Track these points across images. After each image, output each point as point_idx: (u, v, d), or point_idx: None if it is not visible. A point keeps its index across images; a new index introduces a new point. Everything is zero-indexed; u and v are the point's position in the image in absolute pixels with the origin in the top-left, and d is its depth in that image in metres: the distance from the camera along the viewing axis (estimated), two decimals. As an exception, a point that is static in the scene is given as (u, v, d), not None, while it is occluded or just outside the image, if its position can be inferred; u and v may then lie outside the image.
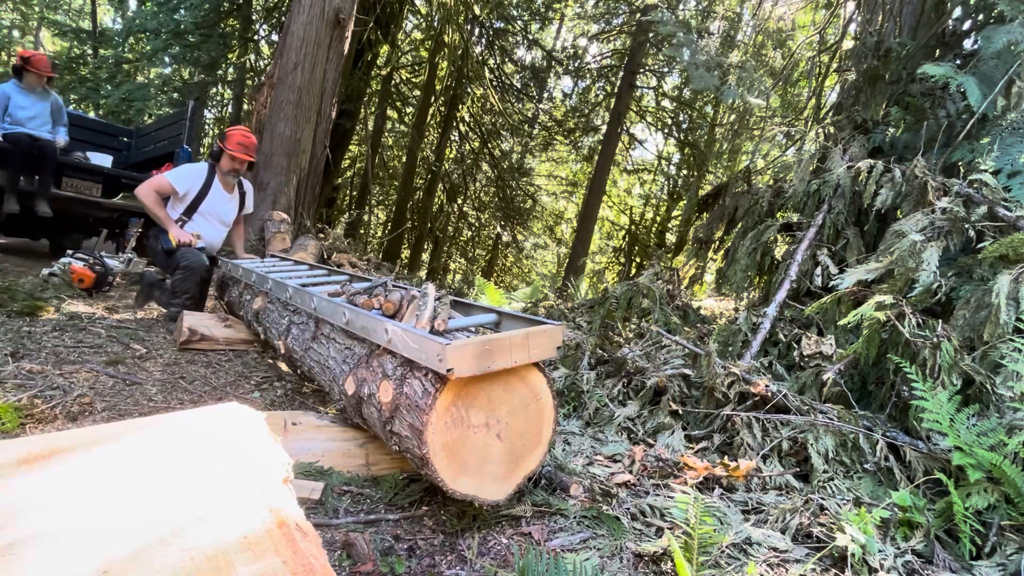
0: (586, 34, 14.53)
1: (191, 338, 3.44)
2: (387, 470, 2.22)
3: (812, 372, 3.03)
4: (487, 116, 14.50)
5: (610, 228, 18.66)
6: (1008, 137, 3.38)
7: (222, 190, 4.13)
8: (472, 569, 1.70)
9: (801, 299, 3.76)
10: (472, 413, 1.78)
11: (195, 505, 0.84)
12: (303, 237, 6.40)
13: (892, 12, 4.85)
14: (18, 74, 5.21)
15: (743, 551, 1.85)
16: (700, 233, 4.92)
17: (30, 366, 2.67)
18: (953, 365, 2.49)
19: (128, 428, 1.07)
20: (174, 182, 3.90)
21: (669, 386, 3.15)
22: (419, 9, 13.01)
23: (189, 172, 4.01)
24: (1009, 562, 1.79)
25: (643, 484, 2.36)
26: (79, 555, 0.72)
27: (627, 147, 16.04)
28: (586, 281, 12.97)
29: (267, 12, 11.60)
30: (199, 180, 4.00)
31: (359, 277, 3.21)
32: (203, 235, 4.03)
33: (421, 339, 1.74)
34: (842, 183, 3.86)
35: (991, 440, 2.05)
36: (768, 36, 8.77)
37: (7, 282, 3.97)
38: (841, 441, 2.50)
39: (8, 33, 17.30)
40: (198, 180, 4.00)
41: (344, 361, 2.25)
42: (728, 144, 12.82)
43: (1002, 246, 2.76)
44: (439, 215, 16.40)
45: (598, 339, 4.12)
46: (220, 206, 4.15)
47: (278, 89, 7.18)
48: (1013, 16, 3.37)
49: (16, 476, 0.88)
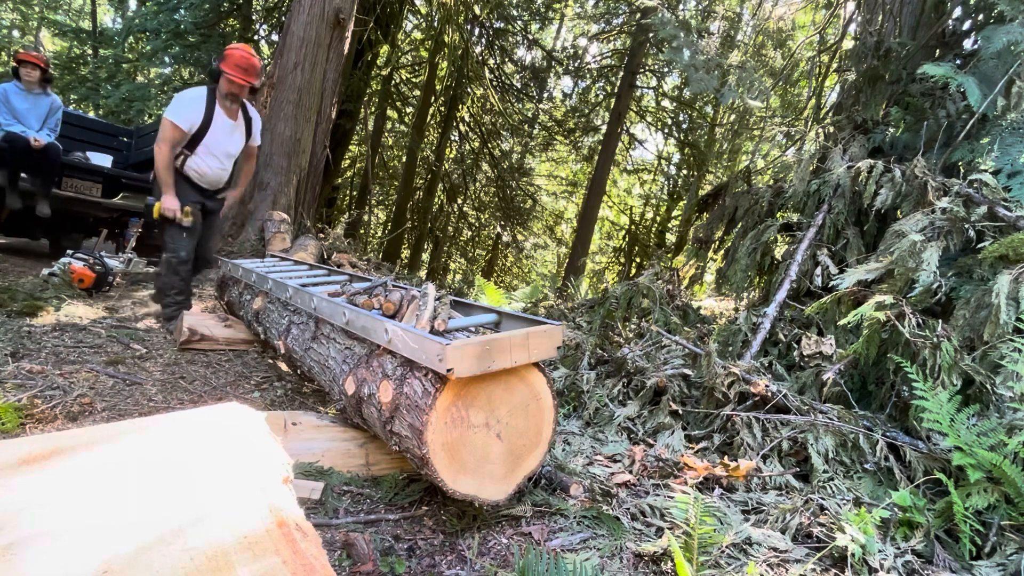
0: (586, 34, 14.53)
1: (191, 338, 3.45)
2: (387, 470, 2.22)
3: (812, 372, 3.03)
4: (487, 116, 14.50)
5: (610, 228, 18.66)
6: (1008, 137, 3.38)
7: (225, 118, 3.76)
8: (472, 569, 1.70)
9: (801, 299, 3.76)
10: (472, 413, 1.78)
11: (195, 505, 0.84)
12: (303, 237, 6.40)
13: (892, 12, 4.85)
14: (16, 75, 5.23)
15: (743, 551, 1.85)
16: (700, 233, 4.92)
17: (30, 366, 2.67)
18: (953, 365, 2.48)
19: (128, 428, 1.07)
20: (178, 121, 3.54)
21: (669, 386, 3.14)
22: (419, 9, 13.02)
23: (188, 103, 3.62)
24: (1009, 562, 1.79)
25: (643, 484, 2.36)
26: (79, 555, 0.72)
27: (627, 147, 16.04)
28: (586, 281, 12.98)
29: (267, 12, 11.60)
30: (199, 110, 3.64)
31: (359, 277, 3.21)
32: (207, 170, 3.76)
33: (421, 339, 1.74)
34: (842, 183, 3.85)
35: (991, 440, 2.05)
36: (768, 36, 8.77)
37: (7, 282, 3.97)
38: (841, 441, 2.50)
39: (8, 33, 17.30)
40: (198, 110, 3.63)
41: (344, 361, 2.25)
42: (728, 144, 12.82)
43: (1002, 246, 2.76)
44: (439, 215, 16.40)
45: (598, 339, 4.12)
46: (224, 138, 3.78)
47: (278, 89, 7.18)
48: (1013, 16, 3.37)
49: (16, 476, 0.88)
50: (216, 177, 3.87)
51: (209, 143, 3.71)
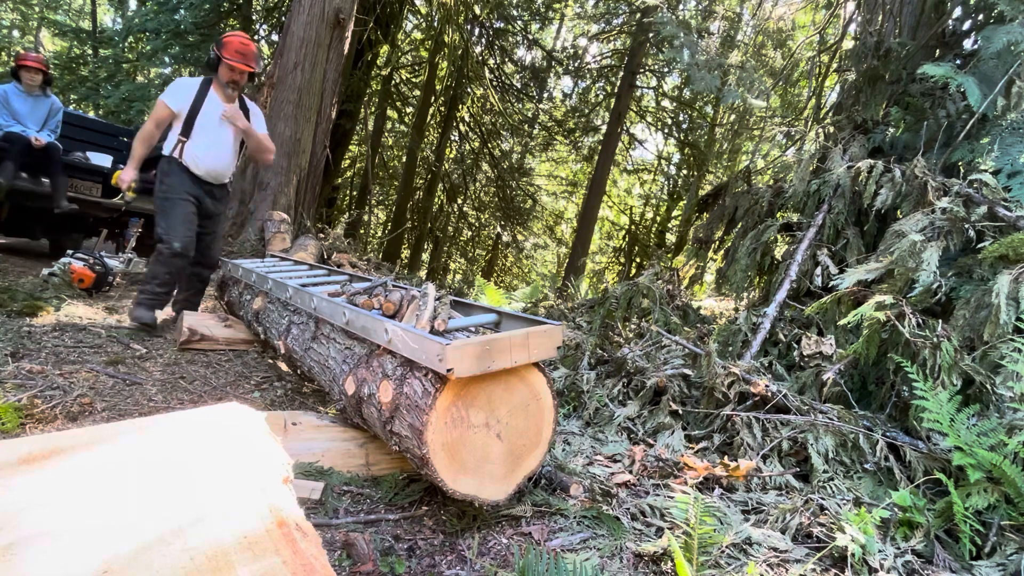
0: (586, 34, 14.53)
1: (191, 338, 3.45)
2: (387, 470, 2.22)
3: (812, 372, 3.03)
4: (487, 116, 14.51)
5: (610, 228, 18.66)
6: (1008, 137, 3.38)
7: (220, 102, 3.64)
8: (472, 569, 1.70)
9: (801, 299, 3.76)
10: (472, 413, 1.78)
11: (195, 505, 0.84)
12: (303, 237, 6.40)
13: (892, 12, 4.85)
14: (16, 76, 5.24)
15: (743, 551, 1.85)
16: (700, 233, 4.92)
17: (30, 366, 2.67)
18: (953, 365, 2.48)
19: (128, 428, 1.07)
20: (167, 99, 3.50)
21: (669, 386, 3.15)
22: (419, 9, 13.02)
23: (181, 86, 3.59)
24: (1009, 562, 1.79)
25: (643, 484, 2.36)
26: (79, 555, 0.72)
27: (627, 147, 16.05)
28: (586, 281, 12.97)
29: (267, 12, 11.60)
30: (191, 92, 3.57)
31: (359, 277, 3.21)
32: (203, 157, 3.62)
33: (421, 339, 1.74)
34: (842, 183, 3.85)
35: (991, 440, 2.05)
36: (768, 36, 8.77)
37: (7, 282, 3.97)
38: (841, 441, 2.50)
39: (8, 33, 17.30)
40: (190, 92, 3.57)
41: (344, 361, 2.25)
42: (728, 144, 12.83)
43: (1002, 246, 2.76)
44: (439, 215, 16.40)
45: (598, 339, 4.12)
46: (221, 123, 3.67)
47: (278, 89, 7.18)
48: (1013, 16, 3.37)
49: (16, 476, 0.88)
50: (215, 167, 3.70)
51: (205, 126, 3.60)
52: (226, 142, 3.71)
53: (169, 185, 3.58)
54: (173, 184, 3.58)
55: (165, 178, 3.59)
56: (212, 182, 3.74)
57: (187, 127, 3.57)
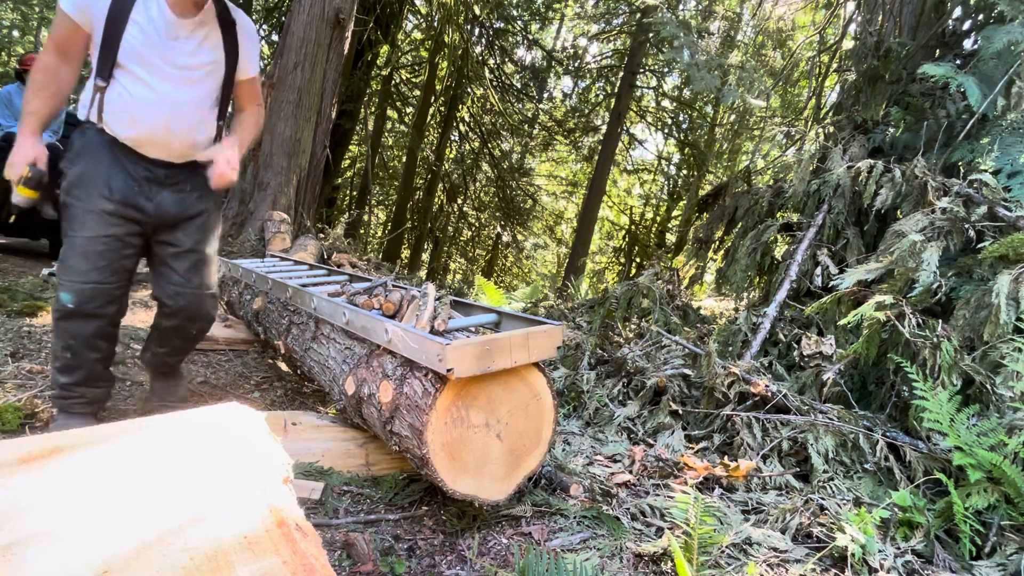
0: (586, 34, 14.53)
1: (191, 338, 3.44)
2: (387, 470, 2.22)
3: (812, 372, 3.03)
4: (487, 116, 14.51)
5: (610, 228, 18.66)
6: (1008, 137, 3.38)
7: (166, 10, 1.92)
8: (472, 569, 1.70)
9: (801, 299, 3.76)
10: (472, 413, 1.78)
11: (195, 505, 0.84)
12: (303, 237, 6.39)
13: (892, 12, 4.85)
14: (20, 77, 5.25)
15: (743, 551, 1.85)
16: (700, 233, 4.92)
17: (30, 366, 2.67)
18: (953, 365, 2.49)
19: (128, 428, 1.07)
20: (65, 5, 1.87)
21: (669, 386, 3.15)
22: (419, 9, 13.01)
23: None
24: (1009, 562, 1.79)
25: (643, 484, 2.36)
26: (79, 555, 0.72)
27: (627, 147, 16.04)
28: (586, 281, 12.97)
29: (267, 12, 11.60)
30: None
31: (359, 277, 3.21)
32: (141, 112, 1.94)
33: (421, 339, 1.74)
34: (842, 183, 3.85)
35: (991, 440, 2.05)
36: (768, 36, 8.77)
37: (7, 282, 3.97)
38: (841, 441, 2.50)
39: (8, 33, 17.31)
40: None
41: (344, 361, 2.25)
42: (728, 144, 12.83)
43: (1002, 246, 2.76)
44: (439, 215, 16.40)
45: (598, 339, 4.12)
46: (169, 45, 1.94)
47: (278, 89, 7.18)
48: (1013, 16, 3.37)
49: (16, 476, 0.88)
50: (162, 130, 1.98)
51: (138, 53, 1.90)
52: (186, 83, 2.00)
53: (75, 180, 1.97)
54: (82, 177, 1.97)
55: (71, 166, 1.99)
56: (163, 159, 2.04)
57: (106, 58, 1.90)
